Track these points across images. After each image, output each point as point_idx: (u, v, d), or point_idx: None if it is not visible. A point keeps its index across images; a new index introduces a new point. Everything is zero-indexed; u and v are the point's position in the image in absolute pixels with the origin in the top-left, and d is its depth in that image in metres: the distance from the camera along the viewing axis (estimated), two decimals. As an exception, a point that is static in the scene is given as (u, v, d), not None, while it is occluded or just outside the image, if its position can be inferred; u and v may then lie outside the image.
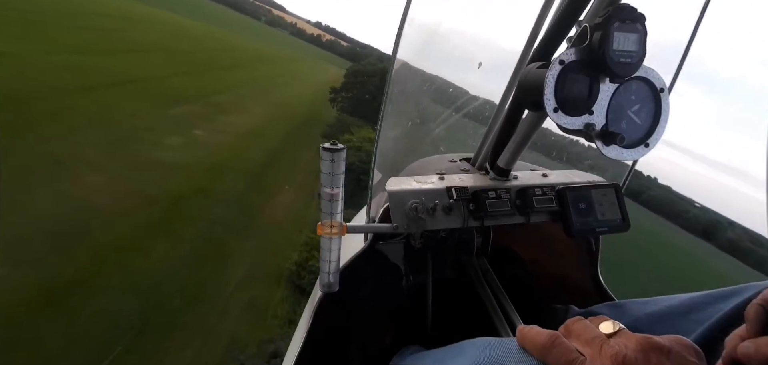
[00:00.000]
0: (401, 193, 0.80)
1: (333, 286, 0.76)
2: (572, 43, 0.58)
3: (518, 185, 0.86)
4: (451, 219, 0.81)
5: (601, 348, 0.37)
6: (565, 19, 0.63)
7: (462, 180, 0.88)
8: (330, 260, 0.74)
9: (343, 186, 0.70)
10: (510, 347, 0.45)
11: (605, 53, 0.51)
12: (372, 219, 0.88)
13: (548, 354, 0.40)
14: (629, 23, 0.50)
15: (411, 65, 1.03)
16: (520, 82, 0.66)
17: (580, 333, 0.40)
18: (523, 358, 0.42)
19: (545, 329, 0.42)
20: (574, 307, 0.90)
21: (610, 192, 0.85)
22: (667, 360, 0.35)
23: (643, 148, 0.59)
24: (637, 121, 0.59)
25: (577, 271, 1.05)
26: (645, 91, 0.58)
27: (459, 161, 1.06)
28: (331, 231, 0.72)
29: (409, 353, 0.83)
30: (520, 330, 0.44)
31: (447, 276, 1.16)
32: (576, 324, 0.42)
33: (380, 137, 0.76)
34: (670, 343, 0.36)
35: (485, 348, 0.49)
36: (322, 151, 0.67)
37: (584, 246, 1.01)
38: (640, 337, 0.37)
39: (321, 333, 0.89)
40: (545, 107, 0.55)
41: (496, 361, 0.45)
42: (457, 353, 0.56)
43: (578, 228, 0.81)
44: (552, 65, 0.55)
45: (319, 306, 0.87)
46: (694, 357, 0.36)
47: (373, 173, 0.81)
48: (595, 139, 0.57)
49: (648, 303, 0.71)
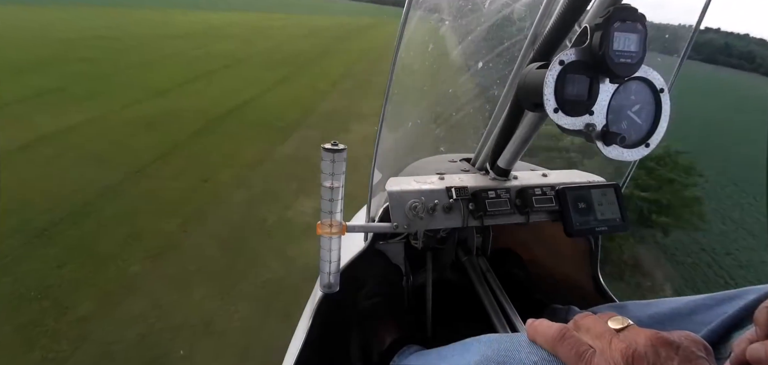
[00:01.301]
0: (401, 193, 0.80)
1: (333, 287, 0.76)
2: (572, 43, 0.58)
3: (518, 185, 0.86)
4: (450, 219, 0.81)
5: (610, 342, 0.37)
6: (566, 19, 0.62)
7: (462, 180, 0.88)
8: (330, 260, 0.74)
9: (343, 185, 0.71)
10: (519, 340, 0.45)
11: (606, 54, 0.51)
12: (372, 219, 0.88)
13: (559, 346, 0.40)
14: (630, 23, 0.50)
15: (412, 65, 1.02)
16: (520, 83, 0.66)
17: (590, 327, 0.41)
18: (534, 350, 0.42)
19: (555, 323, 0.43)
20: (574, 307, 0.90)
21: (610, 192, 0.85)
22: (676, 355, 0.35)
23: (643, 148, 0.59)
24: (638, 121, 0.59)
25: (577, 271, 1.04)
26: (645, 91, 0.58)
27: (459, 161, 1.06)
28: (331, 230, 0.72)
29: (409, 353, 0.83)
30: (531, 324, 0.45)
31: (447, 276, 1.16)
32: (585, 319, 0.42)
33: (380, 137, 0.76)
34: (679, 338, 0.37)
35: (493, 342, 0.49)
36: (323, 152, 0.68)
37: (584, 246, 1.01)
38: (650, 332, 0.37)
39: (321, 334, 0.89)
40: (545, 107, 0.55)
41: (507, 354, 0.45)
42: (461, 350, 0.56)
43: (577, 227, 0.81)
44: (552, 65, 0.54)
45: (319, 307, 0.87)
46: (703, 353, 0.36)
47: (373, 173, 0.80)
48: (595, 140, 0.57)
49: (650, 305, 0.71)
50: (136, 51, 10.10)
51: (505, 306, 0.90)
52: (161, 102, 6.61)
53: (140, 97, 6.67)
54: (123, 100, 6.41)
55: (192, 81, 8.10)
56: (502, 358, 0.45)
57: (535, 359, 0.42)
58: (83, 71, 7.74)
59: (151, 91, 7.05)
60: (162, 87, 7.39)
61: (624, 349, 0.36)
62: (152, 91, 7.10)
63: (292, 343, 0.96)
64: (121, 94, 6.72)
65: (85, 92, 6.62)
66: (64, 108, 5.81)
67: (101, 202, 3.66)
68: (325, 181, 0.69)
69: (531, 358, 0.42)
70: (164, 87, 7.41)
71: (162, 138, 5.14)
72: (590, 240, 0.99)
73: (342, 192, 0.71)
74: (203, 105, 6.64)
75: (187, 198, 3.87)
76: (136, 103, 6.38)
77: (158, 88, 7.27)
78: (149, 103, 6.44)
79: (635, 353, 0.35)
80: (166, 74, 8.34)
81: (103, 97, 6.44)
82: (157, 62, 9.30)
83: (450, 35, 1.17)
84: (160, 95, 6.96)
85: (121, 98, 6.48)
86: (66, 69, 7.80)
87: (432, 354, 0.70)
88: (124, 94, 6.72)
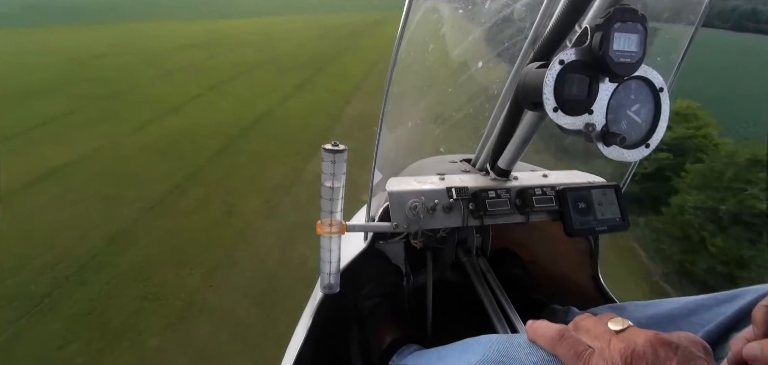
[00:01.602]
0: (401, 193, 0.80)
1: (334, 287, 0.76)
2: (573, 43, 0.57)
3: (518, 185, 0.86)
4: (451, 219, 0.80)
5: (609, 342, 0.37)
6: (566, 19, 0.61)
7: (462, 180, 0.88)
8: (330, 260, 0.74)
9: (343, 185, 0.70)
10: (519, 341, 0.46)
11: (606, 53, 0.51)
12: (372, 219, 0.87)
13: (558, 346, 0.40)
14: (630, 24, 0.50)
15: (411, 66, 1.03)
16: (520, 82, 0.65)
17: (589, 328, 0.41)
18: (533, 351, 0.43)
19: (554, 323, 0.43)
20: (574, 308, 0.90)
21: (610, 192, 0.84)
22: (675, 355, 0.35)
23: (643, 148, 0.59)
24: (638, 121, 0.58)
25: (577, 271, 1.04)
26: (644, 91, 0.58)
27: (459, 162, 1.06)
28: (331, 230, 0.72)
29: (409, 352, 0.83)
30: (530, 325, 0.45)
31: (447, 276, 1.17)
32: (585, 321, 0.42)
33: (380, 137, 0.75)
34: (678, 339, 0.37)
35: (493, 343, 0.49)
36: (324, 152, 0.68)
37: (584, 246, 1.00)
38: (649, 332, 0.37)
39: (320, 333, 0.89)
40: (545, 107, 0.55)
41: (506, 355, 0.45)
42: (460, 350, 0.56)
43: (577, 227, 0.80)
44: (552, 65, 0.54)
45: (319, 307, 0.86)
46: (702, 354, 0.36)
47: (374, 173, 0.79)
48: (595, 140, 0.56)
49: (649, 306, 0.71)
50: (145, 66, 9.54)
51: (505, 306, 0.91)
52: (175, 120, 6.10)
53: (152, 115, 6.17)
54: (134, 120, 5.92)
55: (206, 93, 7.58)
56: (501, 359, 0.45)
57: (534, 360, 0.42)
58: (92, 92, 7.24)
59: (164, 108, 6.55)
60: (175, 102, 6.89)
61: (622, 349, 0.36)
62: (165, 107, 6.61)
63: (291, 343, 0.92)
64: (132, 114, 6.23)
65: (94, 115, 6.14)
66: (72, 136, 5.33)
67: (111, 252, 3.12)
68: (326, 181, 0.69)
69: (530, 359, 0.42)
70: (177, 102, 6.91)
71: (177, 163, 4.60)
72: (590, 241, 0.99)
73: (342, 192, 0.71)
74: (220, 120, 6.11)
75: (211, 239, 3.31)
76: (148, 123, 5.88)
77: (171, 104, 6.76)
78: (162, 123, 5.94)
79: (634, 353, 0.35)
80: (178, 88, 7.84)
81: (112, 120, 5.96)
82: (168, 76, 8.79)
83: (450, 35, 1.17)
84: (173, 112, 6.46)
85: (132, 119, 5.99)
86: (74, 90, 7.33)
87: (432, 353, 0.70)
88: (135, 113, 6.24)
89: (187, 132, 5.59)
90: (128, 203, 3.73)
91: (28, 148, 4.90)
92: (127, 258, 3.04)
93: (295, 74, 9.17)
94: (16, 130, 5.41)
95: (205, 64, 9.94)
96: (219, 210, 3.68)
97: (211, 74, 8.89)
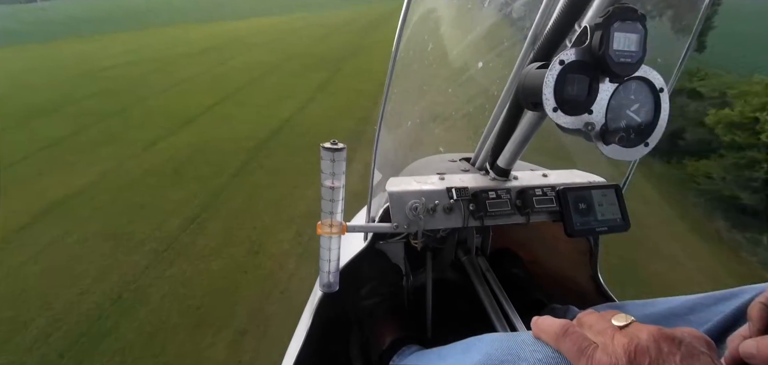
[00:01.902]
0: (401, 193, 0.79)
1: (333, 286, 0.76)
2: (572, 43, 0.57)
3: (518, 185, 0.85)
4: (451, 219, 0.80)
5: (613, 337, 0.37)
6: (566, 19, 0.60)
7: (462, 180, 0.87)
8: (330, 260, 0.73)
9: (343, 185, 0.70)
10: (523, 339, 0.45)
11: (605, 53, 0.50)
12: (372, 219, 0.87)
13: (561, 341, 0.40)
14: (630, 23, 0.50)
15: (411, 65, 1.01)
16: (520, 82, 0.64)
17: (593, 323, 0.41)
18: (538, 348, 0.42)
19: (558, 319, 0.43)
20: (573, 307, 0.89)
21: (610, 192, 0.84)
22: (678, 350, 0.35)
23: (642, 147, 0.58)
24: (637, 120, 0.58)
25: (577, 271, 1.03)
26: (644, 91, 0.57)
27: (459, 161, 1.05)
28: (331, 230, 0.72)
29: (409, 352, 0.82)
30: (535, 321, 0.45)
31: (447, 275, 1.17)
32: (588, 316, 0.42)
33: (380, 137, 0.74)
34: (681, 334, 0.36)
35: (496, 341, 0.48)
36: (323, 151, 0.67)
37: (584, 246, 1.00)
38: (652, 328, 0.37)
39: (320, 333, 0.88)
40: (545, 107, 0.54)
41: (510, 352, 0.45)
42: (461, 350, 0.56)
43: (578, 228, 0.80)
44: (552, 65, 0.54)
45: (319, 306, 0.86)
46: (706, 349, 0.36)
47: (374, 173, 0.78)
48: (594, 139, 0.56)
49: (648, 305, 0.71)
50: (153, 75, 8.91)
51: (505, 306, 0.90)
52: (188, 135, 5.49)
53: (163, 131, 5.59)
54: (143, 138, 5.34)
55: (221, 102, 6.97)
56: (505, 356, 0.45)
57: (539, 357, 0.41)
58: (98, 109, 6.64)
59: (175, 122, 5.97)
60: (187, 114, 6.29)
61: (626, 344, 0.35)
62: (176, 121, 6.02)
63: (291, 343, 0.92)
64: (141, 130, 5.67)
65: (99, 136, 5.56)
66: (76, 161, 4.78)
67: (117, 313, 2.54)
68: (325, 181, 0.69)
69: (535, 356, 0.42)
70: (190, 114, 6.31)
71: (192, 188, 4.01)
72: (590, 241, 0.98)
73: (342, 192, 0.70)
74: (237, 132, 5.51)
75: (236, 291, 2.69)
76: (158, 140, 5.31)
77: (183, 117, 6.17)
78: (174, 139, 5.34)
79: (637, 348, 0.35)
80: (190, 98, 7.24)
81: (120, 140, 5.38)
82: (178, 85, 8.18)
83: (450, 35, 1.13)
84: (185, 125, 5.87)
85: (141, 136, 5.42)
86: (80, 108, 6.75)
87: (432, 353, 0.70)
88: (145, 130, 5.67)
89: (201, 148, 5.00)
90: (137, 245, 3.16)
91: (28, 178, 4.39)
92: (135, 323, 2.46)
93: (314, 75, 8.52)
94: (17, 155, 4.92)
95: (217, 70, 9.35)
96: (244, 249, 3.07)
97: (225, 81, 8.31)
